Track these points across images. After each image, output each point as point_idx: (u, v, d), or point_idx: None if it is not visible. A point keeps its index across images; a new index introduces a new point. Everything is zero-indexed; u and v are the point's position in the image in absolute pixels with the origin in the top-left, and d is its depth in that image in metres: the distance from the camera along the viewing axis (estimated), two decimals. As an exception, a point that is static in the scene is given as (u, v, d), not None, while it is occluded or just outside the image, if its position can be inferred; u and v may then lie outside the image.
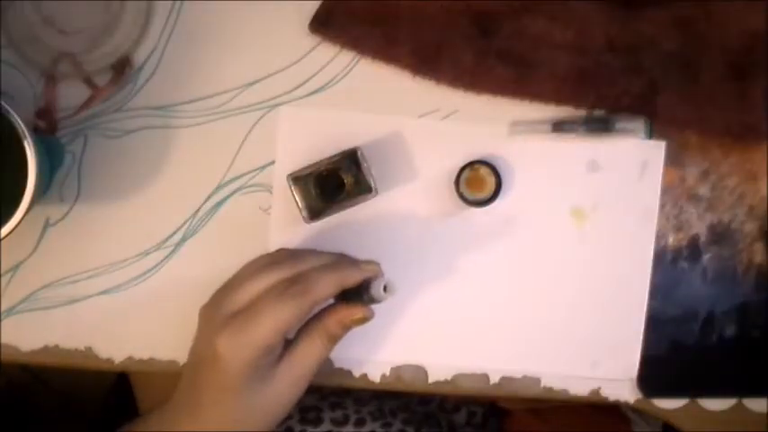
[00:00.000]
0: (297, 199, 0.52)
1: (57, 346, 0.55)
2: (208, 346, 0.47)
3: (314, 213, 0.52)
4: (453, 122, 0.55)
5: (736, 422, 0.57)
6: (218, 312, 0.47)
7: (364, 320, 0.49)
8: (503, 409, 0.74)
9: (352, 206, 0.53)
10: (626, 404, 0.57)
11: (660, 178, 0.55)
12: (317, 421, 0.63)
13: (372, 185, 0.52)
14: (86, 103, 0.53)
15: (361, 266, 0.49)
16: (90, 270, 0.55)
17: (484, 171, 0.54)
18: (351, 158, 0.52)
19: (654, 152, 0.55)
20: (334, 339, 0.50)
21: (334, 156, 0.52)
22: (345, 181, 0.52)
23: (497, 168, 0.54)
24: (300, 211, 0.52)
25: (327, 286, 0.47)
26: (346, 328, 0.50)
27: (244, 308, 0.47)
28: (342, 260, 0.50)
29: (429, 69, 0.53)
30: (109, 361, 0.56)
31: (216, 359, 0.47)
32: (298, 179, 0.52)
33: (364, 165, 0.51)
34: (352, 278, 0.48)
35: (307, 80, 0.54)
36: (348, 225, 0.55)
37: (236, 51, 0.54)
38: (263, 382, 0.48)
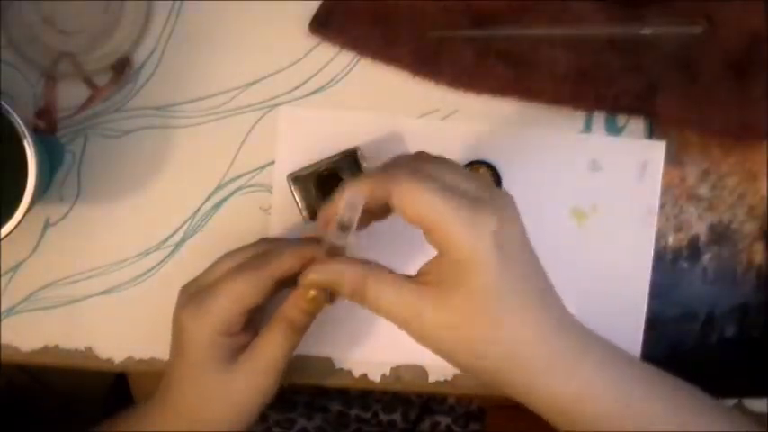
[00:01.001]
0: (297, 199, 0.52)
1: (57, 346, 0.55)
2: (175, 323, 0.48)
3: (314, 213, 0.52)
4: (453, 122, 0.55)
5: (736, 422, 0.57)
6: (188, 290, 0.48)
7: (317, 301, 0.46)
8: (481, 409, 0.74)
9: None
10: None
11: (660, 178, 0.55)
12: None
13: None
14: (86, 103, 0.53)
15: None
16: (90, 270, 0.55)
17: (484, 171, 0.54)
18: (351, 158, 0.52)
19: (654, 152, 0.55)
20: (294, 326, 0.47)
21: (334, 156, 0.52)
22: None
23: (497, 168, 0.54)
24: (300, 211, 0.52)
25: (286, 260, 0.46)
26: (305, 312, 0.47)
27: (210, 284, 0.47)
28: (307, 241, 0.49)
29: (429, 69, 0.53)
30: (109, 361, 0.56)
31: (180, 334, 0.47)
32: (298, 179, 0.52)
33: (364, 165, 0.51)
34: (312, 253, 0.46)
35: (307, 80, 0.54)
36: (348, 225, 0.55)
37: (236, 51, 0.54)
38: (225, 368, 0.47)
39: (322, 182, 0.52)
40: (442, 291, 0.41)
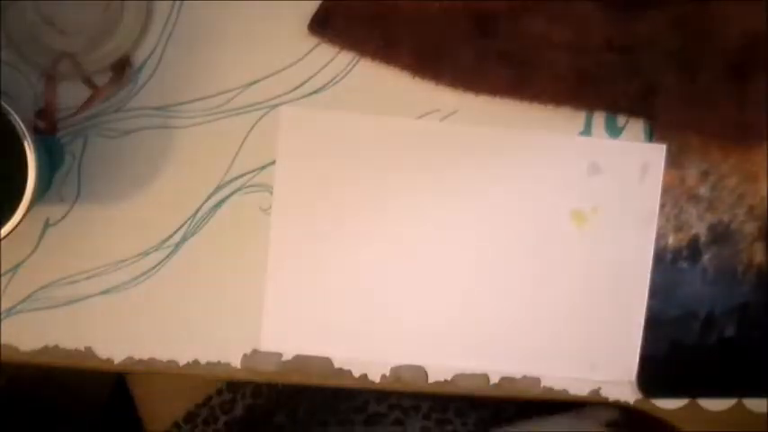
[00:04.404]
0: None
1: (57, 346, 0.55)
2: None
3: None
4: (453, 122, 0.55)
5: (736, 422, 0.57)
6: None
7: None
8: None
9: None
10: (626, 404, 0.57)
11: (660, 181, 0.55)
12: None
13: None
14: (86, 103, 0.53)
15: None
16: (90, 270, 0.55)
17: None
18: None
19: (654, 155, 0.55)
20: None
21: None
22: None
23: None
24: None
25: None
26: None
27: None
28: None
29: (429, 70, 0.53)
30: (109, 361, 0.56)
31: None
32: None
33: None
34: None
35: (306, 80, 0.54)
36: (348, 225, 0.55)
37: (236, 51, 0.54)
38: None
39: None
40: None
